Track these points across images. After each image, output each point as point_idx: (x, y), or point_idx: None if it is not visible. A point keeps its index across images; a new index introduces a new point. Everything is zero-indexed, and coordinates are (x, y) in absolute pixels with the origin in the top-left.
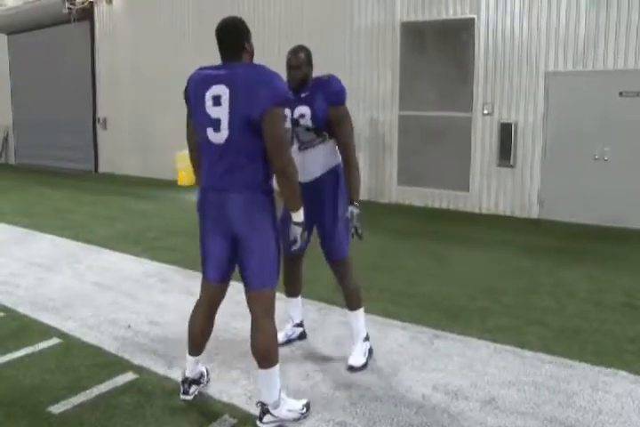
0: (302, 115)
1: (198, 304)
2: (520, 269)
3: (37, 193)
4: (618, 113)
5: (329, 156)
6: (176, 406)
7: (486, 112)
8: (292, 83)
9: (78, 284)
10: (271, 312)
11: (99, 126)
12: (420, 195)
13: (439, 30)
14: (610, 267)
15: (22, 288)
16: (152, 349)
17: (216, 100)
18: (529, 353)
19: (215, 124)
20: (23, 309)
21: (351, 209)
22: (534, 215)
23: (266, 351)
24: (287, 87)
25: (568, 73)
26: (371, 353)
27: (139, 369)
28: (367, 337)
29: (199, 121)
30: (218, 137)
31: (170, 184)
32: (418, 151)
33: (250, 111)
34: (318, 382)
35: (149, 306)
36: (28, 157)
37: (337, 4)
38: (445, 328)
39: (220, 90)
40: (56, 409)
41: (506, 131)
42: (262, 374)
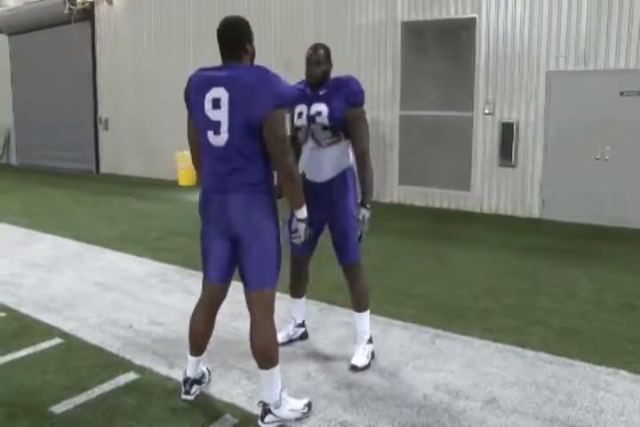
0: (319, 112)
1: (199, 304)
2: (521, 269)
3: (39, 193)
4: (619, 113)
5: (342, 157)
6: (177, 406)
7: (487, 112)
8: (311, 79)
9: (80, 284)
10: (271, 312)
11: (100, 127)
12: (422, 195)
13: (440, 30)
14: (611, 267)
15: (24, 288)
16: (153, 349)
17: (215, 102)
18: (530, 353)
19: (215, 126)
20: (25, 309)
21: (363, 212)
22: (535, 215)
23: (266, 352)
24: (289, 88)
25: (569, 72)
26: (373, 356)
27: (140, 369)
28: (371, 339)
29: (199, 122)
30: (218, 140)
31: (171, 184)
32: (419, 151)
33: (249, 114)
34: (320, 381)
35: (151, 306)
36: (30, 158)
37: (338, 4)
38: (446, 328)
39: (220, 93)
40: (58, 409)
41: (507, 130)
42: (263, 374)
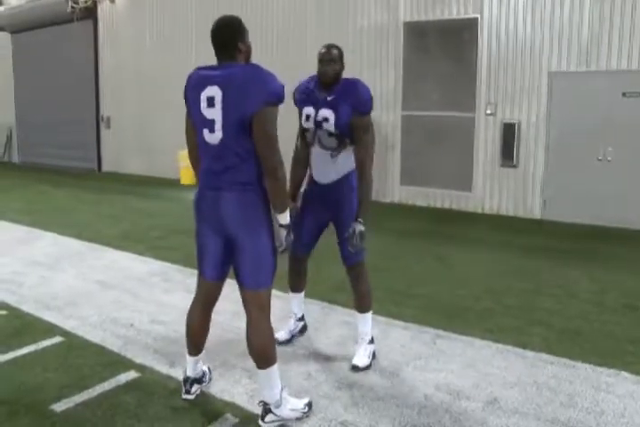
0: (326, 118)
1: (195, 302)
2: (522, 269)
3: (40, 191)
4: (621, 113)
5: (348, 161)
6: (178, 405)
7: (489, 112)
8: (324, 77)
9: (81, 282)
10: (267, 312)
11: (102, 125)
12: (423, 195)
13: (442, 30)
14: (612, 268)
15: (25, 286)
16: (154, 348)
17: (210, 101)
18: (531, 354)
19: (210, 124)
20: (26, 307)
21: (354, 226)
22: (537, 216)
23: (262, 351)
24: (282, 87)
25: (571, 73)
26: (374, 356)
27: (141, 368)
28: (372, 340)
29: (196, 121)
30: (213, 138)
31: (173, 183)
32: (421, 151)
33: (242, 112)
34: (321, 381)
35: (152, 305)
36: (32, 156)
37: (340, 4)
38: (447, 328)
39: (214, 91)
40: (58, 407)
41: (509, 131)
42: (261, 374)
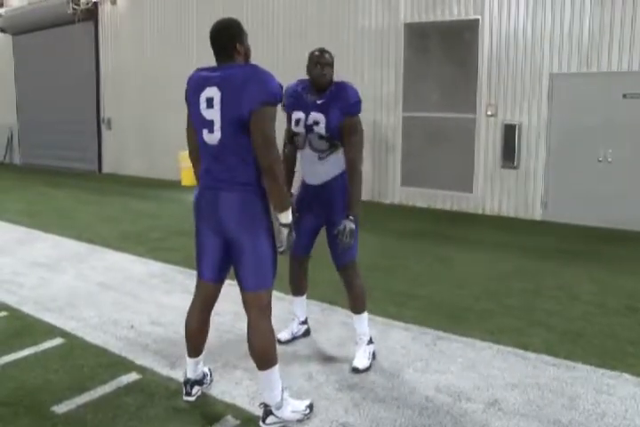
0: (316, 122)
1: (193, 305)
2: (523, 270)
3: (41, 193)
4: (622, 115)
5: (338, 162)
6: (179, 406)
7: (490, 113)
8: (319, 79)
9: (81, 284)
10: (267, 313)
11: (103, 126)
12: (424, 196)
13: (443, 31)
14: (613, 269)
15: (26, 288)
16: (155, 349)
17: (209, 102)
18: (532, 355)
19: (209, 125)
20: (27, 308)
21: (345, 222)
22: (538, 217)
23: (263, 352)
24: (280, 87)
25: (572, 75)
26: (374, 356)
27: (142, 370)
28: (371, 340)
29: (196, 122)
30: (212, 138)
31: (173, 184)
32: (421, 152)
33: (240, 111)
34: (321, 382)
35: (153, 306)
36: (32, 157)
37: (341, 5)
38: (448, 330)
39: (213, 92)
40: (59, 409)
41: (510, 132)
42: (262, 375)
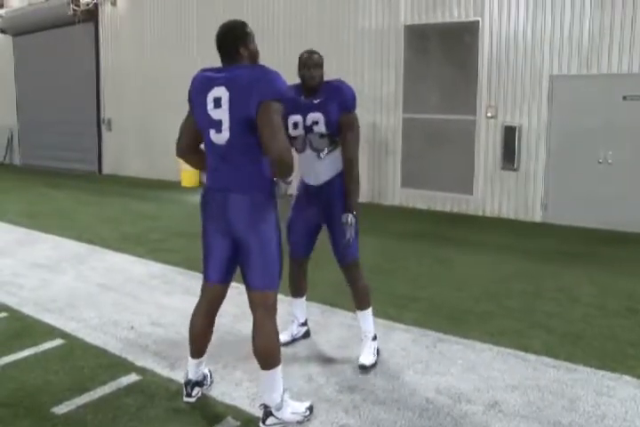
0: (315, 122)
1: (198, 306)
2: (523, 272)
3: (41, 194)
4: (622, 117)
5: (337, 161)
6: (179, 407)
7: (490, 115)
8: (311, 81)
9: (81, 285)
10: (273, 314)
11: (103, 127)
12: (424, 198)
13: (443, 33)
14: (613, 271)
15: (26, 289)
16: (155, 350)
17: (217, 102)
18: (532, 357)
19: (217, 125)
20: (26, 309)
21: (346, 217)
22: (538, 219)
23: (267, 352)
24: (287, 86)
25: (572, 76)
26: (378, 353)
27: (142, 371)
28: (375, 337)
29: (202, 122)
30: (220, 138)
31: (173, 185)
32: (421, 154)
33: (249, 111)
34: (321, 384)
35: (153, 307)
36: (33, 158)
37: (341, 7)
38: (448, 332)
39: (221, 92)
40: (59, 410)
41: (510, 134)
42: (264, 375)
